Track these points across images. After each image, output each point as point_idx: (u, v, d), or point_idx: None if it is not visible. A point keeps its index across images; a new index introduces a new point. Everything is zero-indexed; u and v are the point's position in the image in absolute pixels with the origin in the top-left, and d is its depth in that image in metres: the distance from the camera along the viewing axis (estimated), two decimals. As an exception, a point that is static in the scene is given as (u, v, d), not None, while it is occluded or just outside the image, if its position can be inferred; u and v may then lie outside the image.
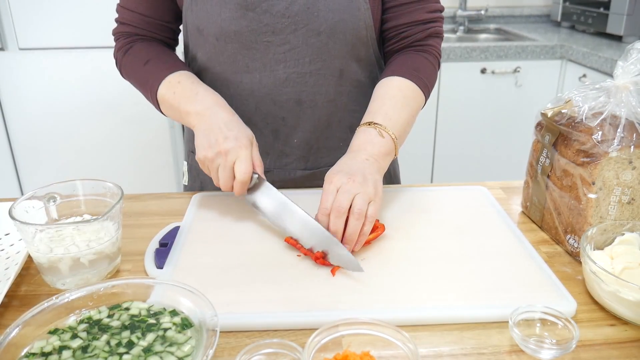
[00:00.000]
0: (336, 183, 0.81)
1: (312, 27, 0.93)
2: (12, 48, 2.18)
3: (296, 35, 0.94)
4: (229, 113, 0.89)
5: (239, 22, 0.93)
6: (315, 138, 1.03)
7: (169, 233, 0.87)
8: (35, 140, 2.31)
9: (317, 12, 0.93)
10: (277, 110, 1.00)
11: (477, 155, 2.55)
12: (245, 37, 0.94)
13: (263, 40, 0.94)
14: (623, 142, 0.75)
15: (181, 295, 0.66)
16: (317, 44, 0.95)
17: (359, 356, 0.59)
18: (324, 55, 0.96)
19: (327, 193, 0.81)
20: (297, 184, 1.06)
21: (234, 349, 0.64)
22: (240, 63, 0.97)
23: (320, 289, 0.73)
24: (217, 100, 0.91)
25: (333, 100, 1.01)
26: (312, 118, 1.01)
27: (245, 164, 0.83)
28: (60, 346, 0.60)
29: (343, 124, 1.04)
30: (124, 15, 1.03)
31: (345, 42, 0.96)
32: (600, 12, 2.45)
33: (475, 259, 0.80)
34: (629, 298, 0.66)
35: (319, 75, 0.98)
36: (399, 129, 0.92)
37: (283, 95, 0.98)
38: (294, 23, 0.93)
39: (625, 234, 0.77)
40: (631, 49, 0.78)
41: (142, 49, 1.01)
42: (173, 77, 0.95)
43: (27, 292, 0.76)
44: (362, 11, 0.95)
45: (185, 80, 0.94)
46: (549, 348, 0.62)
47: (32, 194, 0.79)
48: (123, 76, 1.06)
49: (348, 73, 1.00)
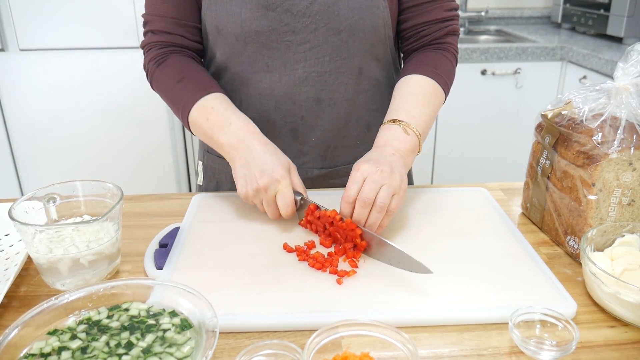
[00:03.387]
0: (364, 171, 0.81)
1: (333, 26, 0.94)
2: (12, 49, 2.18)
3: (316, 34, 0.94)
4: (263, 144, 0.87)
5: (259, 21, 0.93)
6: (333, 137, 1.03)
7: (168, 234, 0.87)
8: (36, 141, 2.31)
9: (337, 11, 0.93)
10: (296, 109, 1.00)
11: (477, 157, 2.55)
12: (266, 37, 0.94)
13: (283, 40, 0.94)
14: (623, 144, 0.75)
15: (181, 296, 0.66)
16: (337, 42, 0.95)
17: (359, 357, 0.59)
18: (343, 53, 0.97)
19: (353, 181, 0.81)
20: (314, 182, 1.06)
21: (234, 350, 0.64)
22: (260, 63, 0.97)
23: (320, 290, 0.73)
24: (250, 129, 0.89)
25: (351, 99, 1.01)
26: (330, 117, 1.01)
27: (285, 198, 0.84)
28: (59, 347, 0.60)
29: (361, 122, 1.05)
30: (155, 22, 1.00)
31: (364, 40, 0.97)
32: (601, 13, 2.45)
33: (475, 260, 0.80)
34: (629, 300, 0.65)
35: (338, 74, 0.98)
36: (422, 126, 0.92)
37: (302, 94, 0.98)
38: (315, 22, 0.93)
39: (626, 236, 0.77)
40: (631, 50, 0.78)
41: (177, 64, 0.98)
42: (207, 102, 0.92)
43: (26, 293, 0.76)
44: (381, 9, 0.96)
45: (219, 106, 0.91)
46: (548, 349, 0.61)
47: (32, 195, 0.79)
48: (153, 88, 1.03)
49: (367, 72, 1.00)
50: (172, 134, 2.34)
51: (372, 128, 1.05)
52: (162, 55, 0.99)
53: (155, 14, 0.99)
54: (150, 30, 1.01)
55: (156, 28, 1.00)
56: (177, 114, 0.97)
